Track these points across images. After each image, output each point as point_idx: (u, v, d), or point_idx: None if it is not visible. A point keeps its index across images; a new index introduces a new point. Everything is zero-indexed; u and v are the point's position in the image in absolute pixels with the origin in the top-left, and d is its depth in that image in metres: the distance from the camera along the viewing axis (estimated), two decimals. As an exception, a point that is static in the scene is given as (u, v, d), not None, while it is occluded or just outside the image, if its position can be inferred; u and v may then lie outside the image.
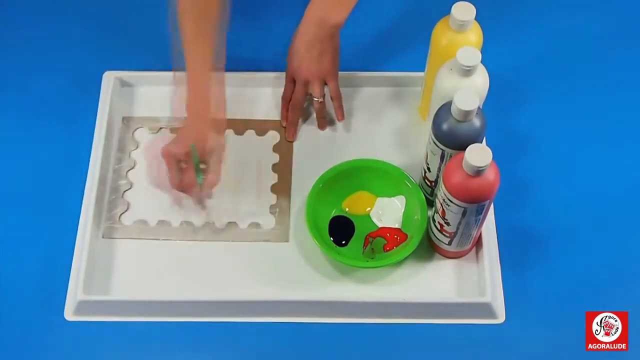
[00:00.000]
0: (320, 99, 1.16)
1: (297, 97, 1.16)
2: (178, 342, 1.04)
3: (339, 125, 1.19)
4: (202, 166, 1.08)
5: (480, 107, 0.98)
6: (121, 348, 1.03)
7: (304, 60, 1.13)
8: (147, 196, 1.13)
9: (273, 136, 1.19)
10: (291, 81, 1.17)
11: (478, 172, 0.91)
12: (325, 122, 1.19)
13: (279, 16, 1.29)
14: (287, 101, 1.18)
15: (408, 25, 1.28)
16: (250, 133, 1.19)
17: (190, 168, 1.08)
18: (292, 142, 1.18)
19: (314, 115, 1.19)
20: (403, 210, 1.10)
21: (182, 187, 1.09)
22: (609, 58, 1.26)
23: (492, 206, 1.08)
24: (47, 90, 1.22)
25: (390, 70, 1.23)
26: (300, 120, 1.19)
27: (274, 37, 1.26)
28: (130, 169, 1.16)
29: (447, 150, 0.98)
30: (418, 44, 1.13)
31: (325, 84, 1.16)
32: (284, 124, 1.19)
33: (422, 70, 1.13)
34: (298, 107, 1.17)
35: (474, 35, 1.02)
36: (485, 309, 1.04)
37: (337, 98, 1.18)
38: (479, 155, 0.90)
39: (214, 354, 1.04)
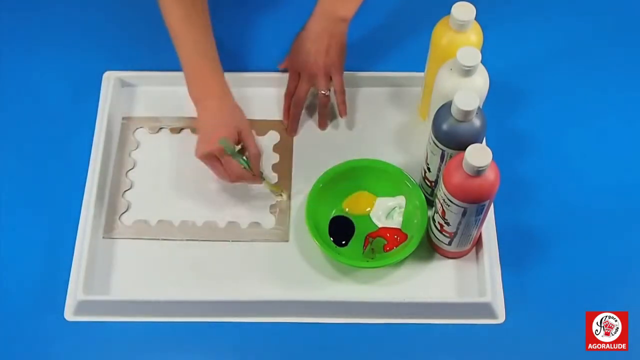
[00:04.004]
0: (327, 92, 1.16)
1: (300, 92, 1.16)
2: (178, 342, 1.04)
3: (340, 125, 1.19)
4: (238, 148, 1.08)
5: (480, 107, 0.98)
6: (121, 348, 1.03)
7: (311, 53, 1.13)
8: (147, 196, 1.13)
9: (273, 136, 1.19)
10: (295, 75, 1.16)
11: (478, 172, 0.90)
12: (326, 119, 1.18)
13: (279, 16, 1.29)
14: (290, 96, 1.18)
15: (408, 25, 1.28)
16: (251, 133, 1.19)
17: (229, 161, 1.06)
18: (292, 137, 1.18)
19: (315, 115, 1.19)
20: (403, 210, 1.10)
21: (236, 178, 1.08)
22: (609, 58, 1.26)
23: (492, 206, 1.08)
24: (48, 90, 1.22)
25: (390, 70, 1.23)
26: (300, 120, 1.19)
27: (274, 37, 1.26)
28: (131, 169, 1.16)
29: (447, 150, 0.98)
30: (418, 44, 1.13)
31: (330, 78, 1.16)
32: (285, 121, 1.18)
33: (422, 70, 1.13)
34: (300, 102, 1.17)
35: (474, 35, 1.02)
36: (485, 309, 1.04)
37: (341, 93, 1.17)
38: (479, 155, 0.90)
39: (214, 354, 1.04)
